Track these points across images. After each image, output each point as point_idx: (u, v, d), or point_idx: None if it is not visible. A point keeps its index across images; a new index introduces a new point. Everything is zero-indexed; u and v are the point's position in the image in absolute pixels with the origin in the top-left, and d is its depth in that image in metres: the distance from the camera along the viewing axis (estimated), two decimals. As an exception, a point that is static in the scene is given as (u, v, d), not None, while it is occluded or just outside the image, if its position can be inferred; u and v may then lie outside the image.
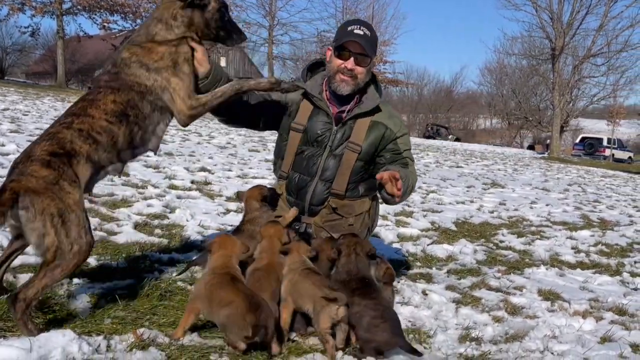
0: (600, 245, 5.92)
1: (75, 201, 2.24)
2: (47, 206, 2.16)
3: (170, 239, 3.79)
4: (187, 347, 2.26)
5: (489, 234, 5.91)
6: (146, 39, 2.51)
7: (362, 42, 2.98)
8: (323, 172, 3.12)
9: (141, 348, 2.17)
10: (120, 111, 2.41)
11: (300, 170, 3.15)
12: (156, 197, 5.03)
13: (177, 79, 2.51)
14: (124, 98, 2.42)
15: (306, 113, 3.13)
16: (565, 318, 3.29)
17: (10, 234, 2.49)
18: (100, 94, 2.42)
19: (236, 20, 6.84)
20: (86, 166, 2.33)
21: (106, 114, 2.38)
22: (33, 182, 2.17)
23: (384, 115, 3.17)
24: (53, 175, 2.20)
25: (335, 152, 3.12)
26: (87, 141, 2.32)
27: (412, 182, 3.10)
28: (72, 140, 2.29)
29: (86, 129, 2.34)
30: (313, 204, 3.15)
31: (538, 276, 4.31)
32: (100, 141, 2.36)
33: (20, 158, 2.27)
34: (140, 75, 2.45)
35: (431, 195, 8.15)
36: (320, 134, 3.11)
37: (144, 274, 3.02)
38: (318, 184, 3.13)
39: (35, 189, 2.16)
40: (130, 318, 2.46)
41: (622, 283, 4.44)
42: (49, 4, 29.48)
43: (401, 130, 3.21)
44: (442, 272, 4.07)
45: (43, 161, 2.21)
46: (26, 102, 13.75)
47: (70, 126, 2.33)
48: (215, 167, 7.68)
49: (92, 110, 2.38)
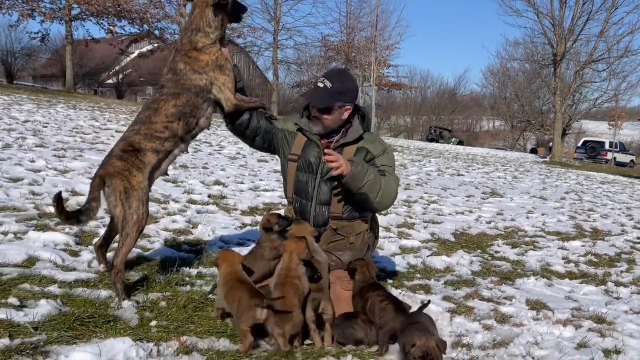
0: (590, 255, 6.31)
1: (138, 182, 3.15)
2: (117, 185, 3.10)
3: (197, 254, 4.24)
4: (223, 352, 2.71)
5: (486, 244, 6.33)
6: (191, 47, 3.25)
7: (321, 97, 3.44)
8: (319, 196, 3.55)
9: (186, 353, 2.62)
10: (179, 112, 3.24)
11: (299, 194, 3.61)
12: (179, 212, 5.49)
13: (224, 76, 3.30)
14: (184, 100, 3.24)
15: (300, 145, 3.60)
16: (548, 326, 3.71)
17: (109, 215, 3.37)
18: (163, 101, 3.25)
19: (242, 25, 7.72)
20: (152, 155, 3.22)
21: (167, 118, 3.23)
22: (111, 170, 3.12)
23: (367, 142, 3.58)
24: (125, 165, 3.13)
25: (326, 177, 3.53)
26: (152, 140, 3.21)
27: (384, 189, 3.40)
28: (139, 142, 3.19)
29: (150, 133, 3.21)
30: (316, 225, 3.57)
31: (528, 287, 4.72)
32: (163, 137, 3.23)
33: (106, 156, 3.23)
34: (194, 79, 3.24)
35: (432, 206, 8.57)
36: (312, 162, 3.55)
37: (179, 287, 3.47)
38: (317, 207, 3.56)
39: (112, 174, 3.11)
40: (172, 327, 2.91)
41: (606, 292, 4.82)
42: (59, 10, 30.00)
43: (381, 152, 3.59)
44: (440, 284, 4.50)
45: (118, 157, 3.16)
46: (42, 111, 14.24)
47: (139, 132, 3.22)
48: (229, 179, 8.14)
49: (156, 118, 3.23)
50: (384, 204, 3.50)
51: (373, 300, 3.11)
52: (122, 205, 3.10)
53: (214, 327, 2.98)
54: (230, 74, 3.32)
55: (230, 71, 3.32)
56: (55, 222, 4.48)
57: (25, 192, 5.30)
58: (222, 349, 2.75)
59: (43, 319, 2.69)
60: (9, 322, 2.60)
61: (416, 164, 16.65)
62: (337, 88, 3.43)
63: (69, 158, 7.80)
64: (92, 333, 2.66)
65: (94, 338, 2.61)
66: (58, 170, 6.76)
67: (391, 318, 2.99)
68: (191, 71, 3.23)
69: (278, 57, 37.61)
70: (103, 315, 2.87)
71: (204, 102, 3.29)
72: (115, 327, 2.78)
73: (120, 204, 3.10)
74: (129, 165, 3.14)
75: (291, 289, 2.95)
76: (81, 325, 2.71)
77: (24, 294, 2.96)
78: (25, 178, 5.92)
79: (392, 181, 3.51)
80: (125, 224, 3.11)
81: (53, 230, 4.23)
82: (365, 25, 34.02)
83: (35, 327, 2.59)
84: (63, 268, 3.52)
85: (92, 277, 3.39)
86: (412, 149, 25.71)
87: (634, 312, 4.29)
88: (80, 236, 4.26)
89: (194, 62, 3.23)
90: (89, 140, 10.16)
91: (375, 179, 3.35)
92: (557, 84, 32.00)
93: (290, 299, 2.89)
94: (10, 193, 5.20)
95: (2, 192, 5.17)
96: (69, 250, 3.90)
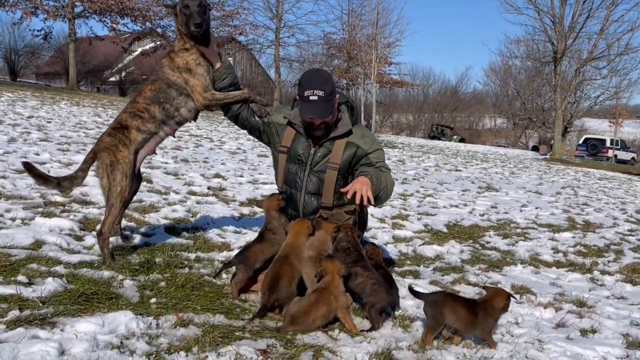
0: (579, 246, 6.47)
1: (123, 157, 3.57)
2: (105, 159, 3.56)
3: (195, 240, 4.44)
4: (217, 325, 2.90)
5: (477, 235, 6.50)
6: (171, 49, 3.71)
7: (321, 109, 3.52)
8: (307, 186, 3.73)
9: (182, 326, 2.81)
10: (154, 97, 3.65)
11: (289, 184, 3.79)
12: (179, 202, 5.69)
13: (193, 79, 3.64)
14: (157, 86, 3.66)
15: (290, 137, 3.77)
16: (530, 308, 3.89)
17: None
18: (145, 85, 3.72)
19: (244, 22, 7.87)
20: (137, 133, 3.64)
21: (145, 100, 3.66)
22: (101, 145, 3.59)
23: (356, 136, 3.72)
24: (113, 141, 3.59)
25: (315, 169, 3.70)
26: (135, 118, 3.65)
27: (387, 184, 3.60)
28: (126, 119, 3.65)
29: (134, 111, 3.66)
30: (306, 214, 3.75)
31: (514, 273, 4.90)
32: (144, 117, 3.65)
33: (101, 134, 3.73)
34: (167, 73, 3.66)
35: (427, 199, 8.75)
36: (301, 153, 3.73)
37: (178, 269, 3.67)
38: (305, 197, 3.74)
39: (101, 149, 3.59)
40: (170, 304, 3.10)
41: (591, 280, 4.98)
42: (61, 7, 30.19)
43: (372, 147, 3.72)
44: (429, 270, 4.69)
45: (108, 133, 3.65)
46: (45, 107, 14.46)
47: (125, 110, 3.70)
48: (228, 172, 8.34)
49: (138, 98, 3.69)
50: (387, 199, 3.73)
51: (364, 282, 3.28)
52: (107, 177, 3.56)
53: (210, 304, 3.17)
54: (200, 77, 3.65)
55: (201, 75, 3.65)
56: (61, 210, 4.68)
57: (31, 183, 5.48)
58: (217, 323, 2.93)
59: (50, 295, 2.88)
60: (18, 297, 2.79)
61: (414, 160, 16.82)
62: (327, 91, 3.52)
63: (72, 151, 8.00)
64: (95, 307, 2.85)
65: (97, 312, 2.80)
66: (62, 162, 6.96)
67: (383, 298, 3.25)
68: (167, 67, 3.68)
69: (280, 54, 37.78)
70: (105, 292, 3.06)
71: (179, 94, 3.68)
72: (117, 302, 2.97)
73: (106, 175, 3.56)
74: (116, 140, 3.60)
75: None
76: (85, 301, 2.90)
77: (32, 272, 3.15)
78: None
79: (390, 176, 3.71)
80: (110, 194, 3.56)
81: (58, 216, 4.43)
82: (367, 23, 34.12)
83: (42, 302, 2.79)
84: (68, 251, 3.72)
85: (95, 259, 3.58)
86: (413, 146, 25.88)
87: (615, 297, 4.46)
88: (84, 222, 4.45)
89: (170, 61, 3.68)
90: (92, 135, 10.36)
91: (385, 181, 3.56)
92: (558, 82, 32.12)
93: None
94: (16, 183, 5.40)
95: (9, 182, 5.37)
96: (74, 235, 4.09)
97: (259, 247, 3.52)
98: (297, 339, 2.87)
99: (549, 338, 3.33)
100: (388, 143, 25.17)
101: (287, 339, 2.86)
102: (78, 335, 2.49)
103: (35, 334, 2.45)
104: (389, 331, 3.21)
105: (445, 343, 3.10)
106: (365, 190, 3.35)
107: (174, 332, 2.74)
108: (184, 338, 2.66)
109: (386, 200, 3.78)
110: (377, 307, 3.23)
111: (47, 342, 2.35)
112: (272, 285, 3.22)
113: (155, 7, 32.48)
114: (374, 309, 3.23)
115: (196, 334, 2.71)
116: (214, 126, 16.44)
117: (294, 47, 41.10)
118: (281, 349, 2.72)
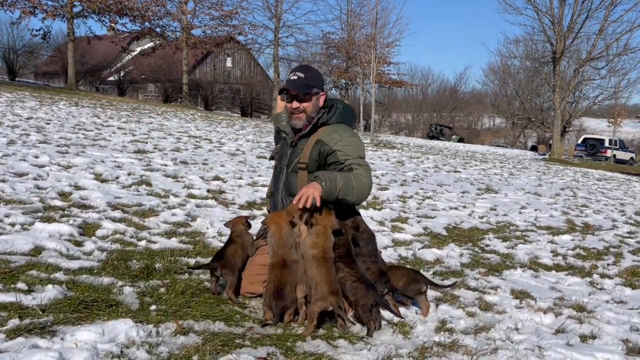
0: (579, 249, 6.47)
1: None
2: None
3: (195, 245, 4.43)
4: (217, 333, 2.89)
5: (477, 238, 6.51)
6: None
7: (296, 85, 3.62)
8: (284, 186, 3.74)
9: (183, 334, 2.80)
10: None
11: (274, 186, 3.85)
12: (178, 206, 5.68)
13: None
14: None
15: (279, 142, 3.89)
16: (529, 313, 3.88)
17: None
18: None
19: (243, 22, 7.97)
20: None
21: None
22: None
23: (325, 134, 3.64)
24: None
25: (290, 169, 3.71)
26: None
27: (351, 183, 3.47)
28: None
29: None
30: None
31: (514, 277, 4.89)
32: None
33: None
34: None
35: (426, 202, 8.75)
36: (281, 155, 3.81)
37: (177, 275, 3.66)
38: (284, 198, 3.74)
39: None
40: (170, 311, 3.09)
41: (591, 284, 4.99)
42: (60, 7, 30.19)
43: (340, 144, 3.58)
44: (429, 274, 4.68)
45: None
46: (44, 108, 14.44)
47: None
48: (227, 175, 8.34)
49: None
50: (361, 198, 3.59)
51: (344, 276, 3.29)
52: None
53: (210, 311, 3.17)
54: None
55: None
56: (60, 214, 4.67)
57: (30, 186, 5.50)
58: (217, 331, 2.93)
59: (49, 302, 2.87)
60: (18, 305, 2.78)
61: (413, 161, 16.83)
62: (310, 76, 3.65)
63: (71, 154, 7.99)
64: (95, 315, 2.85)
65: (97, 320, 2.79)
66: (61, 165, 6.95)
67: (364, 295, 3.21)
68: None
69: (279, 54, 37.80)
70: (105, 299, 3.05)
71: None
72: (117, 310, 2.96)
73: None
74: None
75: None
76: (85, 308, 2.89)
77: (31, 279, 3.15)
78: (30, 173, 6.12)
79: (362, 174, 3.53)
80: None
81: (58, 221, 4.43)
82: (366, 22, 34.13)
83: (42, 309, 2.78)
84: (68, 257, 3.72)
85: (95, 265, 3.58)
86: (412, 146, 25.88)
87: (614, 301, 4.47)
88: (83, 227, 4.45)
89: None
90: (91, 136, 10.35)
91: (346, 182, 3.43)
92: (557, 82, 32.16)
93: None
94: (15, 187, 5.39)
95: (8, 186, 5.37)
96: (73, 241, 4.09)
97: (232, 247, 3.57)
98: (297, 347, 2.87)
99: (549, 344, 3.33)
100: (387, 143, 25.16)
101: (287, 346, 2.86)
102: (78, 344, 2.49)
103: (35, 343, 2.45)
104: (389, 338, 3.21)
105: (445, 349, 3.10)
106: (311, 193, 3.31)
107: (174, 341, 2.73)
108: (184, 346, 2.66)
109: (363, 199, 3.65)
110: (362, 305, 3.20)
111: (47, 352, 2.34)
112: (277, 294, 3.21)
113: (154, 6, 32.50)
114: (359, 308, 3.21)
115: (196, 342, 2.70)
116: (213, 127, 16.43)
117: (293, 47, 41.21)
118: (281, 357, 2.72)
